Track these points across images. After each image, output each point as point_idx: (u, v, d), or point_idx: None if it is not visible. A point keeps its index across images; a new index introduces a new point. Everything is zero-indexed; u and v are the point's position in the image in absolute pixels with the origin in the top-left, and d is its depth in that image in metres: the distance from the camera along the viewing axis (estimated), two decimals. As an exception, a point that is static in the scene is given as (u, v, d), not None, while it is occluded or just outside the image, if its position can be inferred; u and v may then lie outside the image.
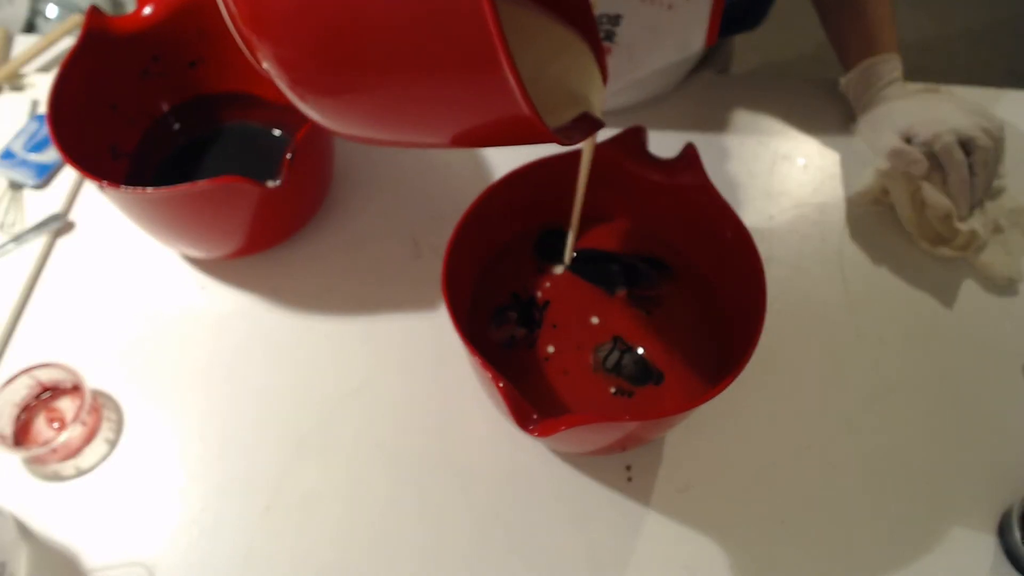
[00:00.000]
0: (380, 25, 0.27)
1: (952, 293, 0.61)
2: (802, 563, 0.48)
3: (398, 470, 0.51)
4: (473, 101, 0.29)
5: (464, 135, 0.33)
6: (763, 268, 0.46)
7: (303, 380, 0.55)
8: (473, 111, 0.30)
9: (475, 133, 0.32)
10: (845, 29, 0.69)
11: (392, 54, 0.28)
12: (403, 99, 0.30)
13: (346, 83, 0.30)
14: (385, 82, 0.29)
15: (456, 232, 0.48)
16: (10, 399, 0.51)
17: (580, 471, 0.51)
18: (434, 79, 0.28)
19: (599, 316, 0.54)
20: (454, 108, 0.30)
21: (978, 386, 0.56)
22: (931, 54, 1.79)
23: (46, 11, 0.91)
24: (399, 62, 0.28)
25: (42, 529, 0.49)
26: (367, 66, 0.29)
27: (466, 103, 0.29)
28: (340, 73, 0.30)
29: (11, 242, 0.61)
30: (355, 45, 0.28)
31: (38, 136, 0.68)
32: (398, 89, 0.29)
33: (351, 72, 0.29)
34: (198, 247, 0.59)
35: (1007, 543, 0.48)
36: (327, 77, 0.30)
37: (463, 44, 0.26)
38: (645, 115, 0.72)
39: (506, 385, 0.40)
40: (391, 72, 0.28)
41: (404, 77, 0.28)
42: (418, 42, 0.27)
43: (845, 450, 0.53)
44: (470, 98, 0.29)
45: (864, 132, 0.69)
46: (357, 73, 0.29)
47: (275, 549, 0.48)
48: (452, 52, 0.27)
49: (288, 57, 0.30)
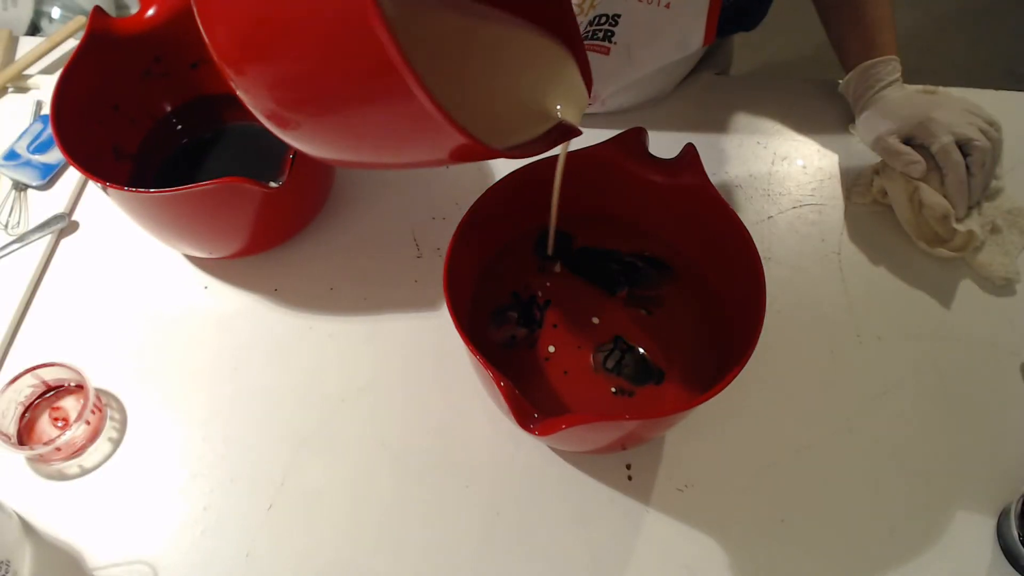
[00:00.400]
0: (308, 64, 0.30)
1: (950, 293, 0.61)
2: (802, 562, 0.48)
3: (400, 469, 0.52)
4: (407, 128, 0.31)
5: (424, 159, 0.35)
6: (763, 268, 0.47)
7: (305, 380, 0.56)
8: (412, 137, 0.32)
9: (430, 156, 0.34)
10: (844, 31, 0.70)
11: (327, 91, 0.31)
12: (351, 129, 0.33)
13: (296, 110, 0.33)
14: (331, 114, 0.32)
15: (457, 232, 0.48)
16: (14, 398, 0.51)
17: (581, 470, 0.52)
18: (359, 105, 0.31)
19: (600, 316, 0.54)
20: (394, 134, 0.32)
21: (976, 386, 0.56)
22: (930, 55, 1.80)
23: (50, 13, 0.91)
24: (329, 94, 0.31)
25: (46, 528, 0.49)
26: (309, 100, 0.32)
27: (402, 130, 0.31)
28: (287, 101, 0.33)
29: (15, 242, 0.62)
30: (293, 78, 0.31)
31: (42, 137, 0.68)
32: (344, 120, 0.32)
33: (298, 103, 0.32)
34: (201, 247, 0.59)
35: (1005, 542, 0.48)
36: (281, 100, 0.33)
37: (368, 68, 0.28)
38: (645, 115, 0.73)
39: (507, 384, 0.40)
40: (330, 102, 0.31)
41: (339, 107, 0.31)
42: (332, 70, 0.29)
43: (844, 449, 0.53)
44: (404, 126, 0.31)
45: (863, 133, 0.69)
46: (304, 105, 0.32)
47: (278, 548, 0.49)
48: (360, 73, 0.29)
49: (260, 92, 0.33)
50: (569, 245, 0.58)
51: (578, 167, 0.53)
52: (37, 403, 0.53)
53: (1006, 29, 1.87)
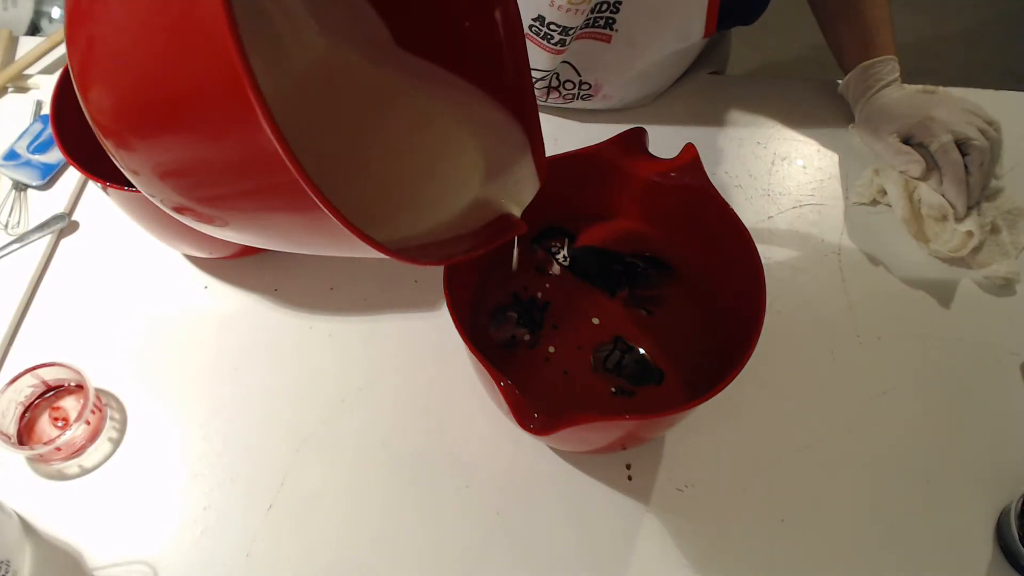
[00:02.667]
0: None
1: (950, 293, 0.61)
2: (802, 562, 0.48)
3: (400, 469, 0.52)
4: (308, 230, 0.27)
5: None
6: (763, 268, 0.47)
7: (305, 380, 0.56)
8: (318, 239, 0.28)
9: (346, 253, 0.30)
10: (843, 32, 0.70)
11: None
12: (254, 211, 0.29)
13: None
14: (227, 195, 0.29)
15: (458, 232, 0.48)
16: (14, 398, 0.51)
17: (581, 470, 0.52)
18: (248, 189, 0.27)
19: (600, 316, 0.54)
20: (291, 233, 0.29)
21: (976, 386, 0.56)
22: (929, 56, 1.80)
23: (50, 13, 0.91)
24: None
25: (46, 528, 0.49)
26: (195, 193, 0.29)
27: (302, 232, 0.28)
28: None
29: (15, 242, 0.62)
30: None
31: (42, 137, 0.68)
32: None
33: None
34: (201, 247, 0.59)
35: (1005, 542, 0.48)
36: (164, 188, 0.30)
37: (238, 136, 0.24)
38: (645, 115, 0.73)
39: (507, 384, 0.40)
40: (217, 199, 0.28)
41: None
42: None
43: (844, 449, 0.53)
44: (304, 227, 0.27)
45: (862, 133, 0.69)
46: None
47: (278, 548, 0.49)
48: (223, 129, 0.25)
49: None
50: (569, 245, 0.58)
51: (578, 167, 0.53)
52: (37, 403, 0.53)
53: (1006, 29, 1.87)
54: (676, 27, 0.63)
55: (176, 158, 0.27)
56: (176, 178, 0.28)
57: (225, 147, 0.25)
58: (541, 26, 0.61)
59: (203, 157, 0.26)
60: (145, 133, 0.27)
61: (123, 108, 0.27)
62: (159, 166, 0.28)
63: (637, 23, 0.62)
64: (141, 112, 0.26)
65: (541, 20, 0.61)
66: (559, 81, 0.69)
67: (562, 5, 0.59)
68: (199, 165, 0.27)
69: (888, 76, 0.66)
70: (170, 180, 0.29)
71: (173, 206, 0.30)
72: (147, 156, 0.28)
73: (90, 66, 0.27)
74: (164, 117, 0.26)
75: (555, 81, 0.69)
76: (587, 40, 0.64)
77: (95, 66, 0.27)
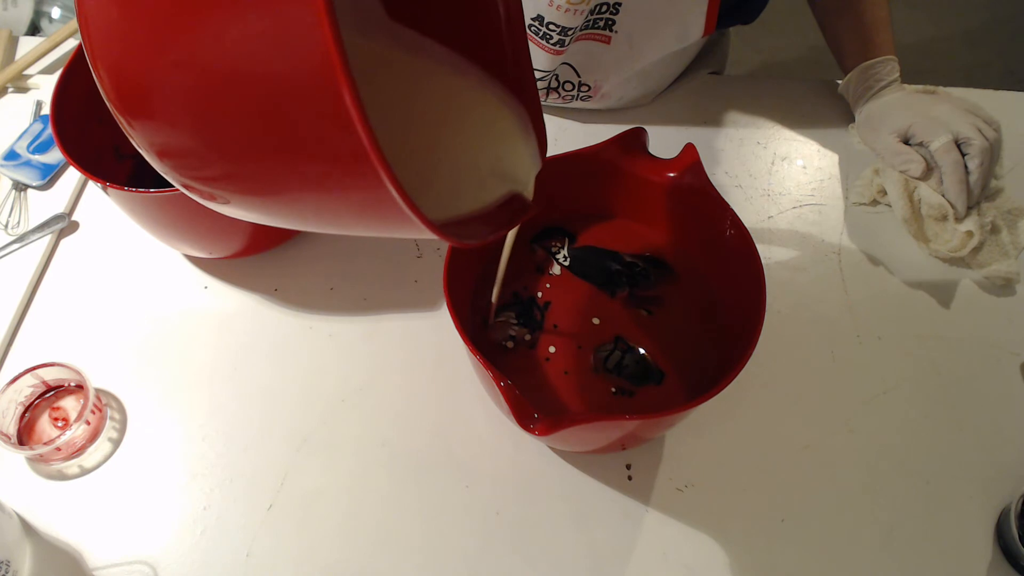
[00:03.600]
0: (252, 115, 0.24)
1: (950, 293, 0.61)
2: (802, 562, 0.48)
3: (399, 469, 0.52)
4: (344, 184, 0.26)
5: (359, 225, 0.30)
6: (763, 268, 0.47)
7: (305, 380, 0.56)
8: (347, 197, 0.27)
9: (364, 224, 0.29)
10: (842, 32, 0.70)
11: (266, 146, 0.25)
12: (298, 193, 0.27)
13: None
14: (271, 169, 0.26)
15: (458, 232, 0.48)
16: (14, 398, 0.51)
17: (581, 470, 0.52)
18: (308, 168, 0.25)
19: (600, 316, 0.54)
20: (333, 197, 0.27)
21: (976, 385, 0.56)
22: (929, 56, 1.80)
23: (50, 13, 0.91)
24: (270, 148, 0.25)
25: (46, 528, 0.49)
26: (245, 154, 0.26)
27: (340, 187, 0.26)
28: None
29: (15, 242, 0.62)
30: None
31: (42, 137, 0.68)
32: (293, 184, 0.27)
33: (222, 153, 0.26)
34: (201, 247, 0.59)
35: (1005, 541, 0.48)
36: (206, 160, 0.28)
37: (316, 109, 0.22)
38: (645, 115, 0.73)
39: (507, 384, 0.40)
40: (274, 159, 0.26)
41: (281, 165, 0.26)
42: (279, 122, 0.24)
43: (844, 449, 0.53)
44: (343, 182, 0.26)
45: (862, 133, 0.69)
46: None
47: (278, 547, 0.49)
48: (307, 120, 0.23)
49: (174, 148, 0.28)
50: (570, 245, 0.58)
51: (578, 167, 0.53)
52: (37, 403, 0.53)
53: (1006, 29, 1.87)
54: (676, 27, 0.63)
55: (236, 110, 0.25)
56: (227, 135, 0.26)
57: (296, 110, 0.23)
58: (540, 26, 0.61)
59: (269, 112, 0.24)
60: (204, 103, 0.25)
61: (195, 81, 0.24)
62: (202, 132, 0.26)
63: (637, 24, 0.62)
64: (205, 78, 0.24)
65: (540, 20, 0.61)
66: (558, 82, 0.69)
67: (561, 5, 0.59)
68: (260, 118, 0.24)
69: (888, 76, 0.66)
70: (209, 138, 0.26)
71: (202, 175, 0.28)
72: (190, 130, 0.26)
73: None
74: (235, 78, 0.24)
75: (554, 82, 0.69)
76: (587, 42, 0.64)
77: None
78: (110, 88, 0.27)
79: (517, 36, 0.38)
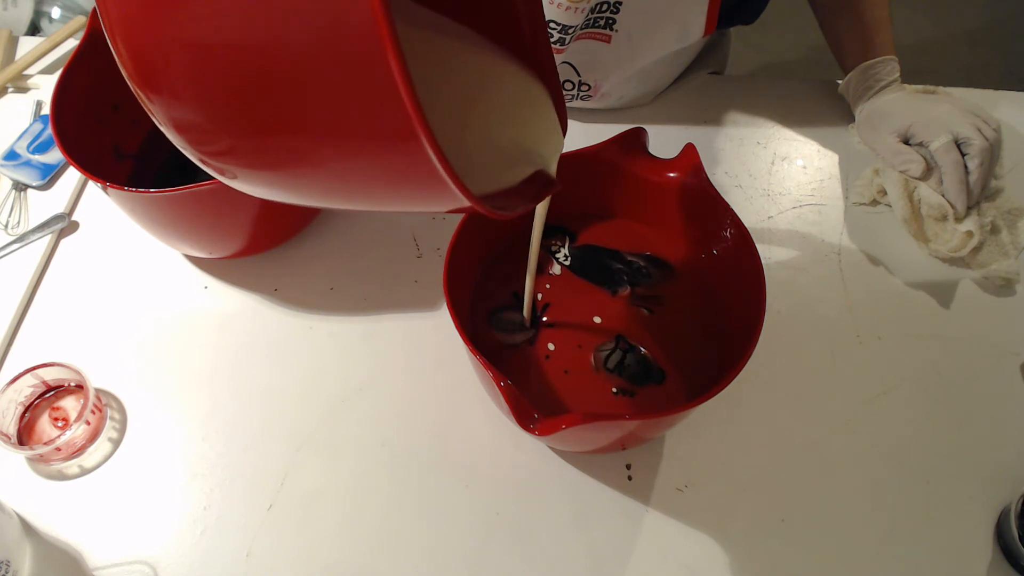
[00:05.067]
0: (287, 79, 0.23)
1: (950, 293, 0.61)
2: (802, 562, 0.48)
3: (399, 469, 0.52)
4: (387, 160, 0.25)
5: (390, 200, 0.29)
6: (763, 268, 0.47)
7: (305, 379, 0.56)
8: (390, 174, 0.26)
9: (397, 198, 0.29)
10: (843, 32, 0.70)
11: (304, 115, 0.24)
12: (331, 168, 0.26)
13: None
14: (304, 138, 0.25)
15: (457, 232, 0.48)
16: (14, 398, 0.51)
17: (581, 470, 0.52)
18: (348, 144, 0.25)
19: (601, 316, 0.54)
20: (375, 173, 0.26)
21: (976, 386, 0.56)
22: (929, 56, 1.80)
23: (50, 13, 0.91)
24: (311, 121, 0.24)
25: (46, 528, 0.49)
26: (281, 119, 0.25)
27: (384, 166, 0.25)
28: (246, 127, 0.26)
29: (15, 242, 0.62)
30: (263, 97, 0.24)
31: (42, 137, 0.68)
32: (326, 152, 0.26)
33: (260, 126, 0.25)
34: (201, 247, 0.59)
35: (1005, 542, 0.48)
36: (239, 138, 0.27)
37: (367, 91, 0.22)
38: (645, 115, 0.73)
39: (507, 384, 0.40)
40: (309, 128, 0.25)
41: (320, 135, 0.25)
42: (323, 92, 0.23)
43: (844, 449, 0.53)
44: (386, 160, 0.25)
45: (862, 133, 0.69)
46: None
47: (278, 548, 0.49)
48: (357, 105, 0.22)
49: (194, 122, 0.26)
50: (570, 244, 0.58)
51: (579, 167, 0.53)
52: (37, 403, 0.53)
53: (1007, 29, 1.87)
54: (676, 26, 0.63)
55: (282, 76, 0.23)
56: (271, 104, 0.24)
57: (340, 75, 0.22)
58: None
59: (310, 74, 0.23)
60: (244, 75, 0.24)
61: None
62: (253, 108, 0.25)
63: (637, 23, 0.62)
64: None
65: None
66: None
67: (562, 3, 0.59)
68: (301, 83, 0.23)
69: (888, 76, 0.66)
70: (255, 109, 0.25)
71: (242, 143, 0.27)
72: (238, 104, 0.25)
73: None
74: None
75: None
76: (587, 40, 0.64)
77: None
78: (129, 62, 0.26)
79: (536, 16, 0.38)
